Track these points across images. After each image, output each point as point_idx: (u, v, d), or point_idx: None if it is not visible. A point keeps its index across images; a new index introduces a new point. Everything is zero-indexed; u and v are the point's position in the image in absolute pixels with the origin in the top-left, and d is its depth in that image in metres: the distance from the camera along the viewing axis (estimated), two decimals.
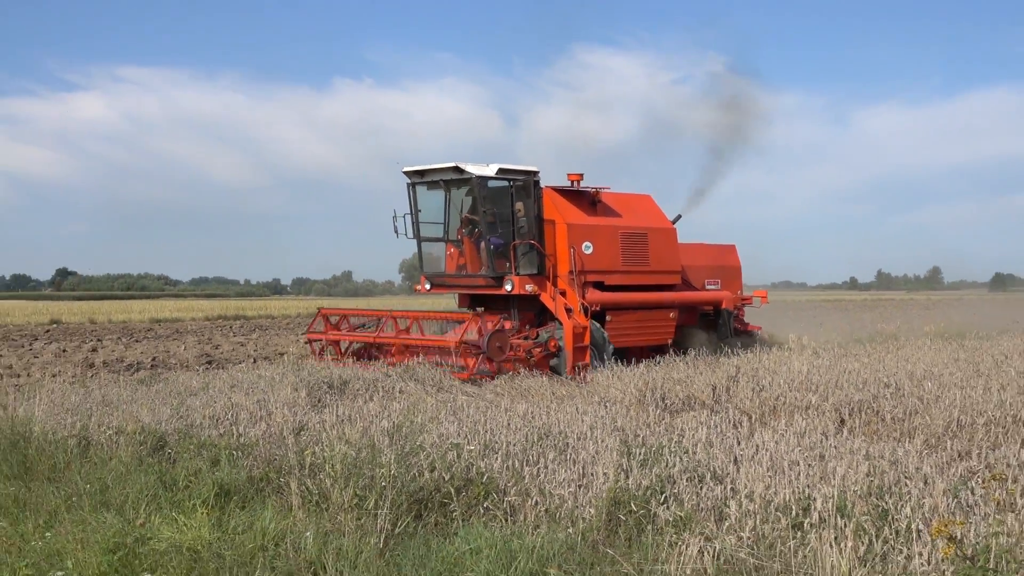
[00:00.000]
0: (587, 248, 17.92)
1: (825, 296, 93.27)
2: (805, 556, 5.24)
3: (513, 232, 17.27)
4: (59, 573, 5.98)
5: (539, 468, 7.49)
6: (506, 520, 6.85)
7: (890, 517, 5.86)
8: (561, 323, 16.74)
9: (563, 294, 17.29)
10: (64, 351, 26.43)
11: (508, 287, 16.98)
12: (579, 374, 16.07)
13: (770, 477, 6.71)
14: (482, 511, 7.04)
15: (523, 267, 17.24)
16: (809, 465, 7.07)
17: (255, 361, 21.29)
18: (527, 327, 17.37)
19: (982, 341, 21.23)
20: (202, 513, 7.12)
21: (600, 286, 18.08)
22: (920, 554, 5.19)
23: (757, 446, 7.91)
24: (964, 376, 13.06)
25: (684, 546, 5.49)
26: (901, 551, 5.29)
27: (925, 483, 6.66)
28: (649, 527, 6.24)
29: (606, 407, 10.96)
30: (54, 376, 18.41)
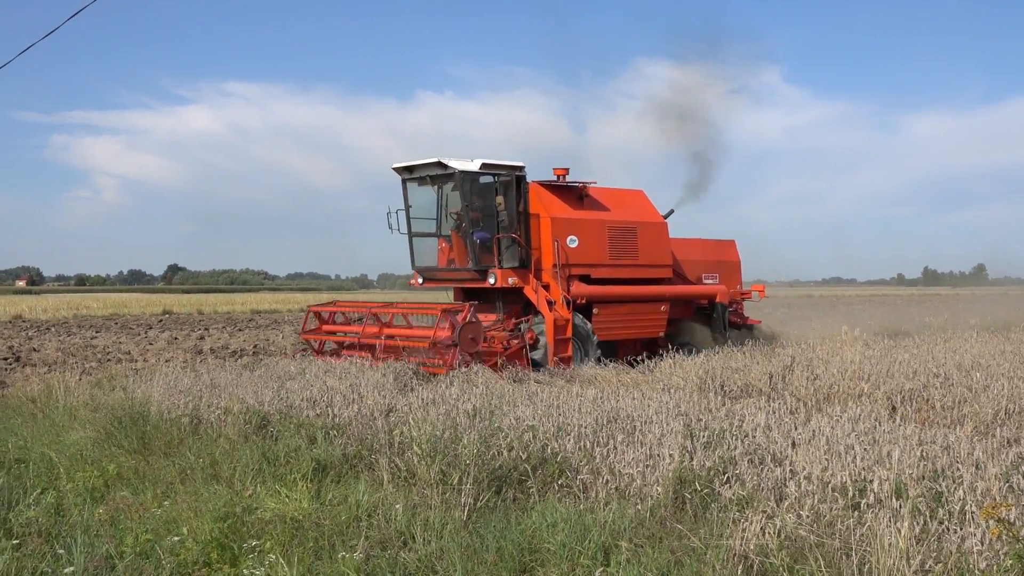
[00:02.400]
0: (572, 241, 17.04)
1: (873, 292, 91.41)
2: (863, 535, 5.12)
3: (497, 226, 16.57)
4: (175, 538, 6.07)
5: (609, 449, 7.45)
6: (579, 496, 6.84)
7: (944, 499, 5.71)
8: (543, 316, 16.09)
9: (547, 287, 16.55)
10: (175, 339, 27.02)
11: (491, 280, 16.25)
12: (561, 366, 15.18)
13: (827, 460, 6.58)
14: (557, 488, 7.04)
15: (506, 260, 16.54)
16: (864, 449, 6.90)
17: None
18: (513, 320, 16.55)
19: None
20: (302, 486, 7.22)
21: (587, 279, 17.18)
22: (973, 535, 5.05)
23: (813, 431, 7.74)
24: (1011, 366, 12.66)
25: (747, 523, 5.41)
26: (955, 532, 5.14)
27: (977, 468, 6.47)
28: (713, 505, 6.17)
29: (669, 393, 10.84)
30: (167, 361, 18.84)
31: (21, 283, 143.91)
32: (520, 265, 16.52)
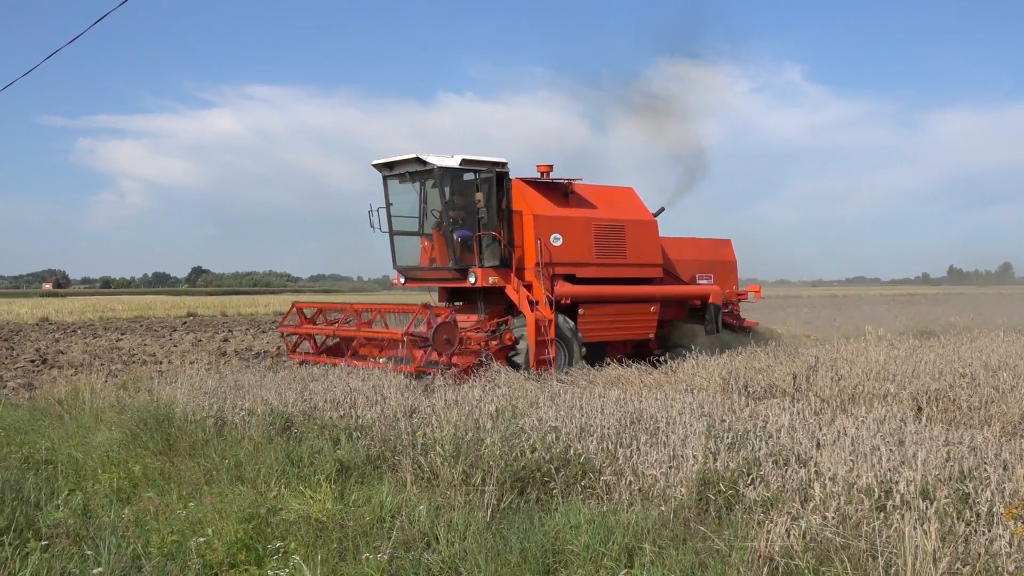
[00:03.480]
0: (556, 240, 16.44)
1: (897, 291, 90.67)
2: (889, 537, 5.08)
3: (478, 224, 16.03)
4: (201, 539, 6.10)
5: (632, 450, 7.43)
6: (602, 498, 6.82)
7: (971, 501, 5.66)
8: (525, 316, 15.53)
9: (529, 287, 15.97)
10: (199, 341, 27.20)
11: (471, 280, 15.77)
12: (543, 368, 14.84)
13: (852, 461, 6.53)
14: (580, 489, 7.02)
15: (487, 259, 15.97)
16: (890, 450, 6.84)
17: None
18: (495, 320, 15.91)
19: None
20: (326, 487, 7.23)
21: (572, 279, 16.61)
22: (1002, 536, 4.99)
23: (838, 432, 7.70)
24: None
25: (772, 524, 5.37)
26: (983, 534, 5.09)
27: (1004, 468, 6.41)
28: (737, 506, 6.13)
29: (692, 394, 10.80)
30: (191, 363, 18.95)
31: (47, 286, 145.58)
32: (501, 264, 16.02)
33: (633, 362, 15.32)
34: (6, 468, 7.97)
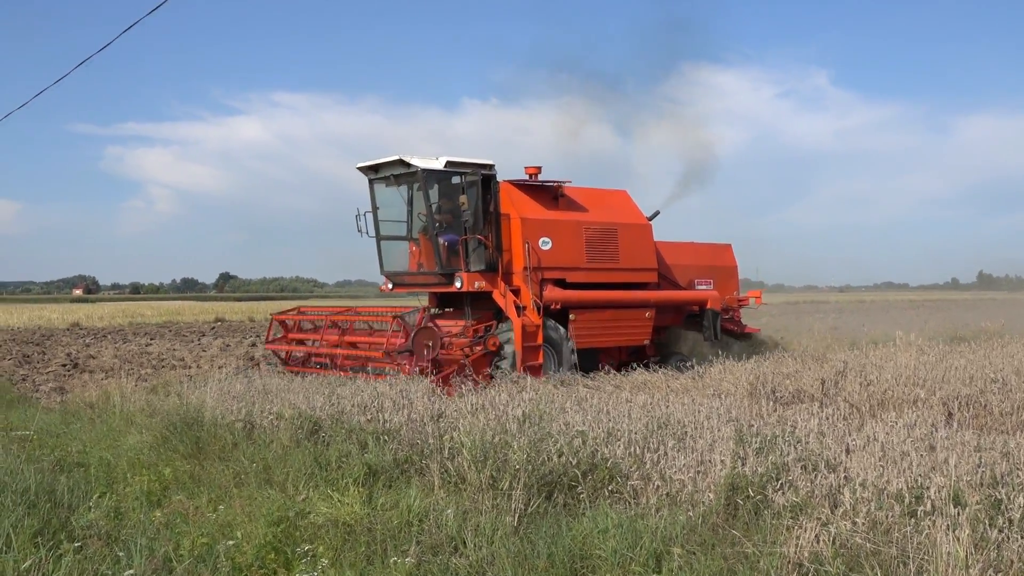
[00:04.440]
0: (545, 244, 16.00)
1: (926, 296, 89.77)
2: (920, 543, 5.03)
3: (463, 227, 15.66)
4: (230, 542, 6.12)
5: (659, 455, 7.40)
6: (630, 502, 6.79)
7: (1003, 507, 5.58)
8: (512, 321, 15.16)
9: (517, 292, 15.56)
10: (228, 345, 27.39)
11: (457, 284, 15.37)
12: (531, 375, 14.08)
13: (882, 466, 6.47)
14: (607, 494, 6.99)
15: (473, 263, 15.56)
16: (920, 455, 6.77)
17: None
18: (480, 325, 15.57)
19: None
20: (353, 491, 7.23)
21: (562, 283, 16.19)
22: None
23: (868, 437, 7.62)
24: None
25: (801, 530, 5.34)
26: (1016, 540, 5.03)
27: None
28: (766, 511, 6.08)
29: (720, 399, 10.75)
30: (220, 367, 19.08)
31: (78, 291, 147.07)
32: (488, 268, 15.66)
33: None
34: (39, 470, 8.04)
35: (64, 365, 22.17)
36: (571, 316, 16.03)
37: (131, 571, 4.93)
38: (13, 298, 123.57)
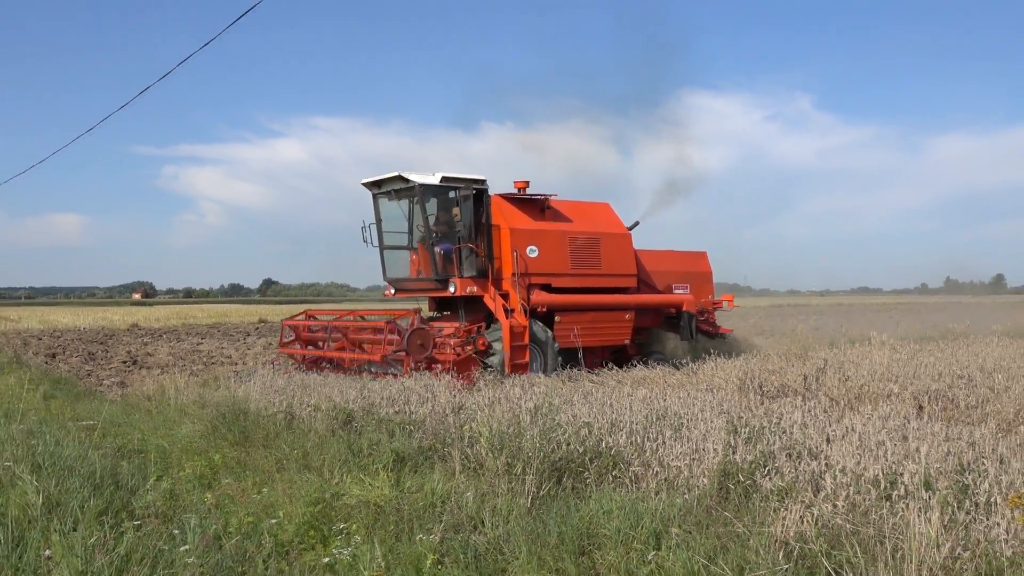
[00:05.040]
0: (532, 252, 15.80)
1: (898, 300, 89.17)
2: (895, 524, 4.99)
3: (456, 237, 15.55)
4: (273, 521, 6.15)
5: (658, 443, 7.37)
6: (631, 486, 6.77)
7: (970, 492, 5.53)
8: (501, 323, 15.01)
9: (506, 296, 15.38)
10: (270, 344, 27.43)
11: (451, 289, 15.33)
12: (519, 372, 14.26)
13: (860, 454, 6.41)
14: (611, 479, 6.97)
15: (466, 270, 15.51)
16: (894, 444, 6.72)
17: None
18: (465, 327, 15.40)
19: None
20: (383, 475, 7.24)
21: (548, 288, 16.01)
22: (999, 524, 4.89)
23: (847, 428, 7.56)
24: None
25: (787, 512, 5.30)
26: (982, 522, 4.98)
27: (1001, 462, 6.26)
28: (755, 495, 6.05)
29: (712, 393, 10.70)
30: (263, 364, 19.11)
31: (137, 296, 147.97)
32: (479, 274, 15.56)
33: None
34: (103, 456, 8.08)
35: (125, 362, 22.29)
36: (556, 318, 15.90)
37: (186, 547, 4.94)
38: (79, 301, 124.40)
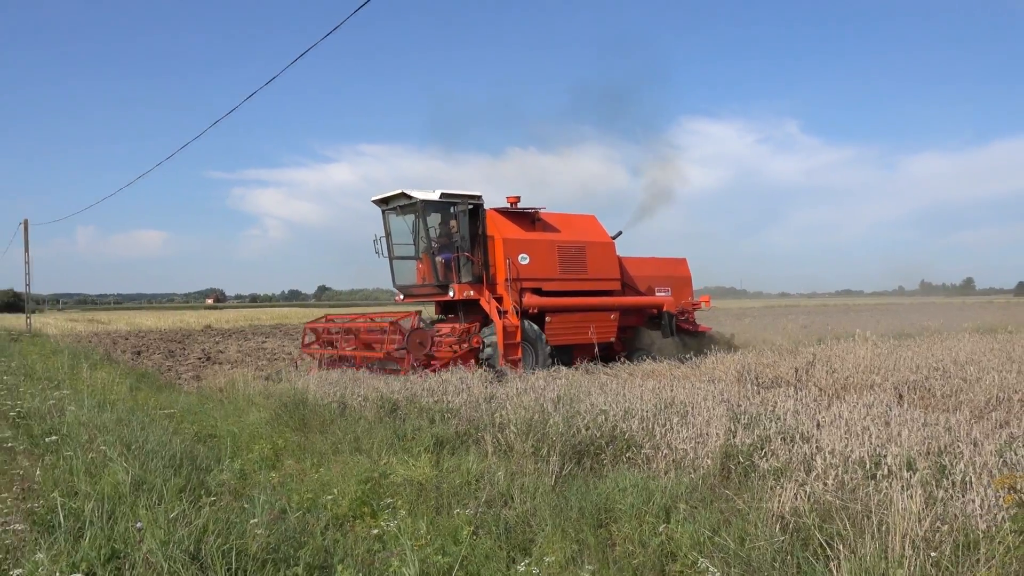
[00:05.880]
0: (523, 259, 15.61)
1: (877, 301, 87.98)
2: (880, 500, 4.90)
3: (454, 247, 15.42)
4: (329, 497, 6.15)
5: (666, 429, 7.32)
6: (643, 467, 6.72)
7: (947, 472, 5.43)
8: (494, 323, 14.84)
9: (500, 299, 15.21)
10: None
11: (451, 293, 15.17)
12: (512, 368, 14.06)
13: (847, 438, 6.33)
14: (625, 460, 6.94)
15: (463, 276, 15.35)
16: (878, 429, 6.62)
17: None
18: (460, 327, 15.12)
19: (1011, 335, 19.57)
20: (424, 457, 7.24)
21: (539, 292, 15.79)
22: (973, 501, 4.79)
23: (834, 415, 7.46)
24: (999, 362, 12.05)
25: (782, 490, 5.23)
26: (959, 499, 4.89)
27: (974, 445, 6.15)
28: (753, 474, 5.99)
29: (714, 384, 10.61)
30: (287, 365, 19.11)
31: (209, 301, 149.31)
32: (476, 280, 15.36)
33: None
34: (183, 440, 8.15)
35: (199, 358, 22.50)
36: (547, 319, 15.71)
37: (255, 519, 4.97)
38: (160, 306, 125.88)
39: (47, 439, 7.34)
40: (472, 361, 14.07)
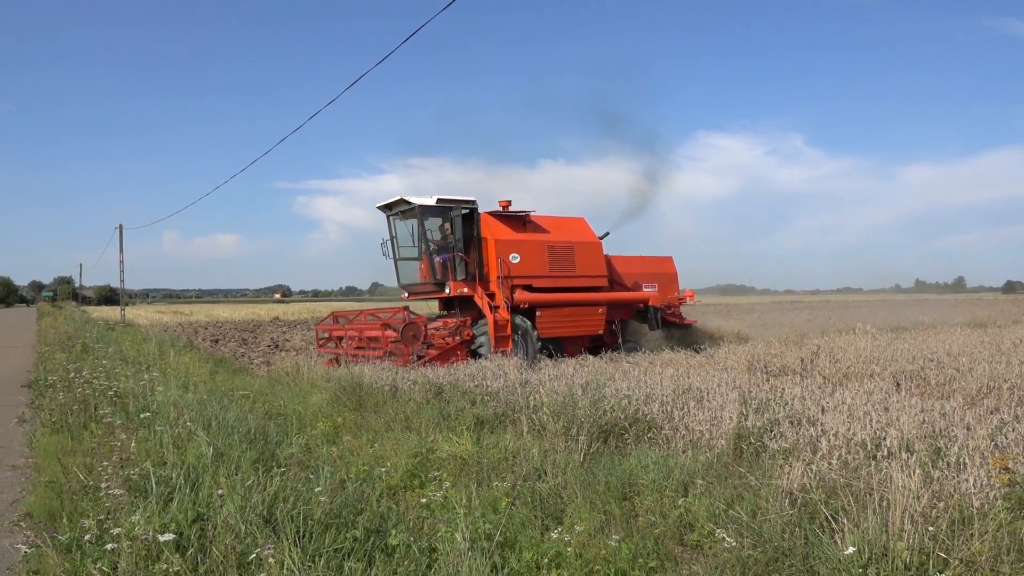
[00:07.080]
0: (514, 258, 15.19)
1: (875, 298, 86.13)
2: (881, 479, 4.80)
3: (449, 248, 15.10)
4: (383, 469, 6.20)
5: (684, 412, 7.24)
6: (663, 446, 6.66)
7: (943, 453, 5.30)
8: (486, 317, 14.55)
9: (492, 296, 14.85)
10: None
11: (447, 291, 14.92)
12: (502, 356, 13.55)
13: (849, 422, 6.20)
14: (646, 440, 6.88)
15: (459, 275, 15.02)
16: (878, 414, 6.49)
17: None
18: (452, 321, 14.89)
19: (1000, 329, 19.06)
20: (467, 435, 7.24)
21: (530, 288, 15.40)
22: (967, 480, 4.67)
23: (838, 400, 7.32)
24: (989, 353, 11.73)
25: (790, 468, 5.14)
26: (954, 478, 4.77)
27: (968, 430, 5.99)
28: (764, 454, 5.90)
29: (726, 372, 10.48)
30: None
31: (277, 295, 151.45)
32: (469, 278, 15.07)
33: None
34: (256, 418, 8.25)
35: (269, 346, 22.82)
36: (538, 313, 15.36)
37: (319, 488, 5.02)
38: (234, 300, 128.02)
39: (141, 415, 7.48)
40: (460, 352, 13.94)
